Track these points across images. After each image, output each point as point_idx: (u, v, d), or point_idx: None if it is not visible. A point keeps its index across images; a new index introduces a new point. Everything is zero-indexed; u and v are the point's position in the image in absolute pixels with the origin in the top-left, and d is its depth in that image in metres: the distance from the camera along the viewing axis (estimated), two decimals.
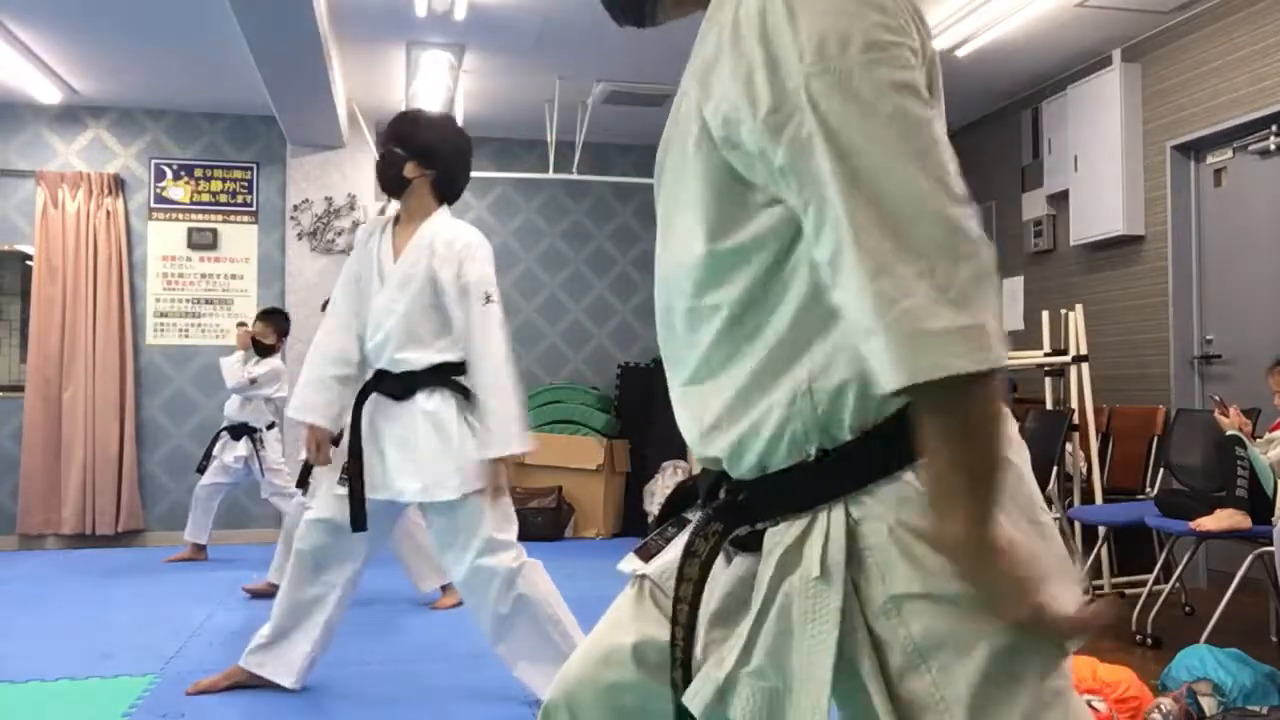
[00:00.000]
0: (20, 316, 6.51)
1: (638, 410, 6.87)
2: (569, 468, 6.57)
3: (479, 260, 2.91)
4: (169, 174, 6.63)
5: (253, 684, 3.08)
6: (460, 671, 3.37)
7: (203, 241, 6.64)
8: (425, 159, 2.96)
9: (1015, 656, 0.93)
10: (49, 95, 6.08)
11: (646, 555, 1.22)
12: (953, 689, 0.93)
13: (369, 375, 3.03)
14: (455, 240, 2.93)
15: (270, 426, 5.52)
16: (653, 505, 6.46)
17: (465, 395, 2.93)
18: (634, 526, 6.64)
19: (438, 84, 5.73)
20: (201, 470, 5.63)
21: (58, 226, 6.35)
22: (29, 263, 6.42)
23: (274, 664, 3.06)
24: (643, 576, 1.22)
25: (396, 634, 3.93)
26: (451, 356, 2.93)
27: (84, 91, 6.21)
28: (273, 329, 5.54)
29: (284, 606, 3.05)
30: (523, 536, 2.95)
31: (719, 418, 1.04)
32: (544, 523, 6.26)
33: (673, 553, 1.19)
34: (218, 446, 5.55)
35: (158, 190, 6.62)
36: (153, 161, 6.62)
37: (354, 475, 2.91)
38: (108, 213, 6.42)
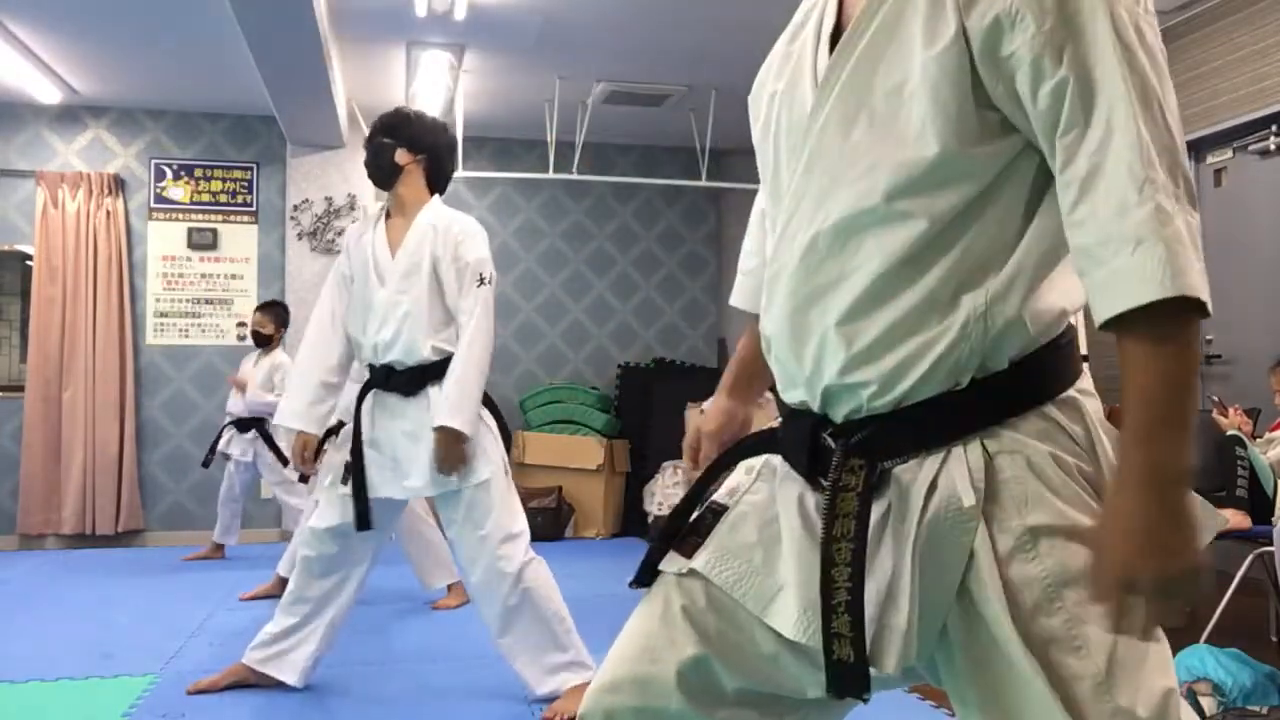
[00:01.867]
0: (20, 316, 6.51)
1: (638, 410, 6.87)
2: (569, 468, 6.57)
3: (475, 243, 2.95)
4: (169, 174, 6.63)
5: (254, 682, 3.08)
6: (462, 671, 3.37)
7: (203, 241, 6.64)
8: (414, 145, 3.00)
9: None
10: (49, 95, 6.08)
11: (690, 551, 1.15)
12: (1088, 625, 0.94)
13: (370, 373, 3.03)
14: (452, 225, 2.96)
15: None
16: (653, 505, 6.45)
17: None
18: (634, 526, 6.64)
19: (438, 84, 5.73)
20: (206, 465, 5.63)
21: (58, 226, 6.35)
22: (29, 263, 6.42)
23: (279, 663, 3.06)
24: (665, 590, 1.15)
25: (397, 634, 3.93)
26: (452, 347, 2.92)
27: (84, 91, 6.21)
28: (271, 319, 5.56)
29: (290, 607, 3.05)
30: None
31: (876, 342, 1.01)
32: (544, 523, 6.25)
33: (715, 543, 1.13)
34: (223, 441, 5.54)
35: (158, 190, 6.62)
36: (153, 161, 6.62)
37: (357, 475, 2.92)
38: (108, 213, 6.42)
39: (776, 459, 1.15)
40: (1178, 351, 0.89)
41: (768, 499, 1.14)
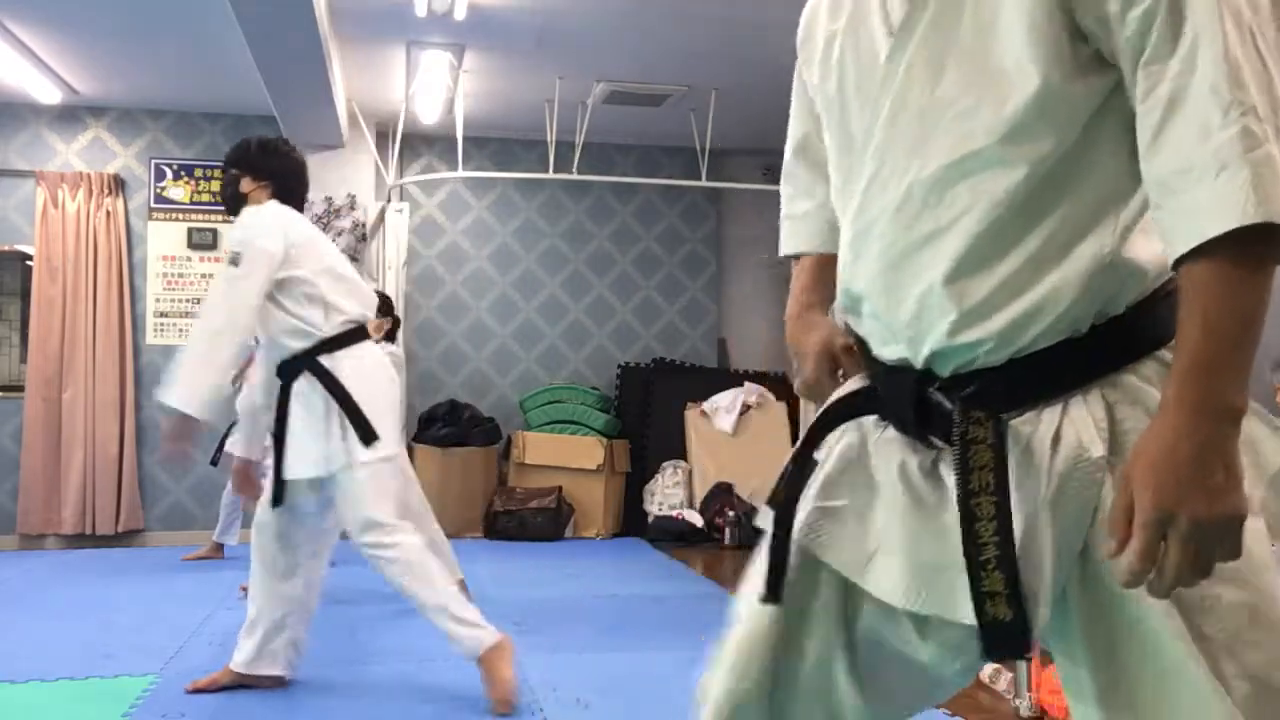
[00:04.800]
0: (20, 316, 6.51)
1: (638, 410, 6.87)
2: (569, 468, 6.56)
3: (238, 226, 3.04)
4: (169, 174, 6.63)
5: (249, 684, 3.08)
6: (461, 671, 3.36)
7: (203, 241, 6.64)
8: (256, 172, 3.17)
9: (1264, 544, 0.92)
10: (49, 95, 6.08)
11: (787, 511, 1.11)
12: (1219, 585, 0.88)
13: None
14: (244, 214, 3.10)
15: None
16: (653, 505, 6.45)
17: (329, 378, 2.99)
18: (634, 526, 6.63)
19: (438, 84, 5.73)
20: (215, 463, 5.62)
21: (58, 226, 6.35)
22: (29, 263, 6.42)
23: (260, 658, 3.08)
24: (803, 587, 1.10)
25: (397, 633, 3.93)
26: (296, 343, 3.00)
27: (84, 91, 6.21)
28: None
29: (257, 601, 3.09)
30: (523, 536, 2.96)
31: (989, 298, 0.96)
32: (544, 523, 6.24)
33: (808, 507, 1.09)
34: (231, 440, 5.52)
35: (158, 190, 6.62)
36: (153, 161, 6.62)
37: (276, 458, 3.05)
38: (108, 213, 6.42)
39: (866, 419, 1.11)
40: (1255, 284, 0.82)
41: (857, 460, 1.10)
